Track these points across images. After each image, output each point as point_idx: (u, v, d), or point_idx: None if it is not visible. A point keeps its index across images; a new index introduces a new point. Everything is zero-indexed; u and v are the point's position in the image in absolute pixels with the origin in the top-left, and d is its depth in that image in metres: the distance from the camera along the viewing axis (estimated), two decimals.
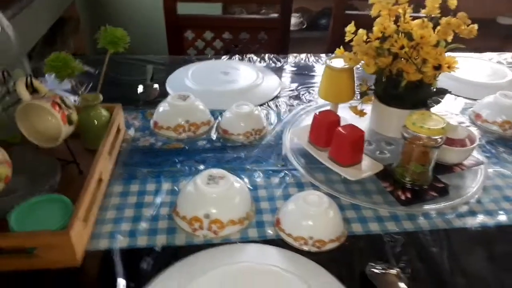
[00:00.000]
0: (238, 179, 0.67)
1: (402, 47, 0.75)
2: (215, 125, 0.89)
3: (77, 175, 0.72)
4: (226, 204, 0.62)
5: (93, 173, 0.63)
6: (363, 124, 0.88)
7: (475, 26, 0.76)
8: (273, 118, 0.94)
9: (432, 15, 0.77)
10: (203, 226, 0.61)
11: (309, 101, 1.01)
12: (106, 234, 0.61)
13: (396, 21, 0.79)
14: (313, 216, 0.60)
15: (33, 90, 0.65)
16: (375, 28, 0.79)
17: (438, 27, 0.77)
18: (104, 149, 0.69)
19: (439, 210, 0.68)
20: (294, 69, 1.19)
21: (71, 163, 0.73)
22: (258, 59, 1.23)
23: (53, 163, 0.68)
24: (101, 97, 0.77)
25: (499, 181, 0.76)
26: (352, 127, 0.73)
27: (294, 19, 2.65)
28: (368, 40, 0.79)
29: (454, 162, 0.77)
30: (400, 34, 0.77)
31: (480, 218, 0.68)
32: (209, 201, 0.61)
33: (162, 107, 0.87)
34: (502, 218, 0.68)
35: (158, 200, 0.68)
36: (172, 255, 0.58)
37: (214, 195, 0.61)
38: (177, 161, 0.78)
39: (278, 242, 0.61)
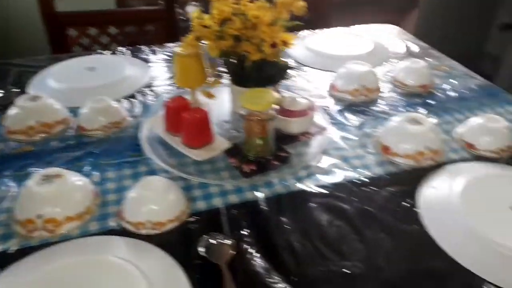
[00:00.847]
0: (78, 175, 0.67)
1: (239, 29, 0.78)
2: (74, 123, 0.88)
3: None
4: (60, 202, 0.62)
5: None
6: (228, 106, 0.92)
7: (302, 3, 0.80)
8: (138, 109, 0.94)
9: None
10: (38, 227, 0.60)
11: (178, 88, 1.03)
12: None
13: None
14: (150, 200, 0.62)
15: None
16: (214, 12, 0.81)
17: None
18: None
19: (280, 177, 0.73)
20: (168, 58, 1.20)
21: None
22: (131, 52, 1.22)
23: None
24: None
25: (341, 144, 0.83)
26: (196, 110, 0.76)
27: (192, 8, 2.64)
28: (211, 25, 0.82)
29: (298, 131, 0.82)
30: (239, 16, 0.81)
31: (318, 179, 0.73)
32: (40, 201, 0.61)
33: (12, 110, 0.84)
34: (339, 177, 0.74)
35: None
36: (6, 260, 0.57)
37: (46, 195, 0.61)
38: (24, 164, 0.76)
39: (120, 232, 0.62)
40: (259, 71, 0.84)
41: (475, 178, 0.71)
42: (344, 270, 0.57)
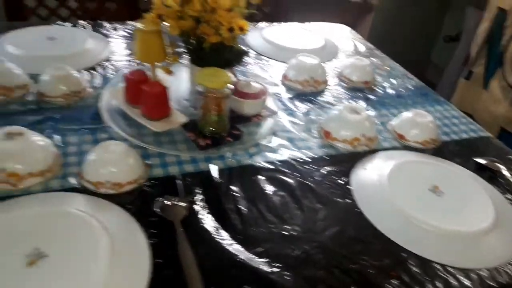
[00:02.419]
0: (40, 135, 0.70)
1: (198, 11, 0.84)
2: (34, 89, 0.90)
3: None
4: (21, 158, 0.65)
5: None
6: (187, 84, 0.97)
7: None
8: (98, 81, 0.97)
9: None
10: (0, 180, 0.63)
11: (138, 64, 1.06)
12: None
13: None
14: (109, 162, 0.67)
15: None
16: None
17: None
18: None
19: (233, 152, 0.80)
20: (128, 35, 1.22)
21: None
22: (92, 26, 1.23)
23: None
24: None
25: (288, 127, 0.91)
26: (155, 84, 0.81)
27: None
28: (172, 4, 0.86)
29: (251, 113, 0.89)
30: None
31: (266, 156, 0.81)
32: (3, 156, 0.63)
33: None
34: (284, 155, 0.82)
35: None
36: None
37: (8, 150, 0.64)
38: None
39: (80, 190, 0.67)
40: (216, 53, 0.90)
41: (401, 163, 0.82)
42: (283, 232, 0.65)
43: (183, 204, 0.66)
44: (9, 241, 0.55)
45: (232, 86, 0.79)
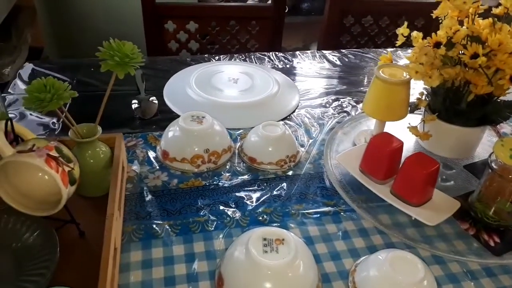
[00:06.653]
0: (297, 238, 0.52)
1: (474, 56, 0.62)
2: (237, 151, 0.73)
3: (77, 238, 0.55)
4: (292, 280, 0.47)
5: (107, 253, 0.45)
6: (408, 140, 0.75)
7: None
8: (304, 137, 0.79)
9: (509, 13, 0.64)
10: None
11: (339, 112, 0.87)
12: None
13: (459, 22, 0.65)
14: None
15: (14, 137, 0.46)
16: (439, 33, 0.64)
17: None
18: (114, 209, 0.51)
19: None
20: (307, 69, 1.04)
21: (68, 223, 0.55)
22: (265, 58, 1.07)
23: (46, 232, 0.50)
24: (99, 129, 0.59)
25: None
26: (422, 157, 0.60)
27: None
28: (427, 45, 0.65)
29: None
30: (468, 39, 0.64)
31: None
32: (269, 278, 0.46)
33: (171, 132, 0.70)
34: None
35: (193, 270, 0.52)
36: None
37: (277, 270, 0.46)
38: (202, 206, 0.61)
39: None
40: (480, 107, 0.68)
41: None
42: None
43: None
44: None
45: None
